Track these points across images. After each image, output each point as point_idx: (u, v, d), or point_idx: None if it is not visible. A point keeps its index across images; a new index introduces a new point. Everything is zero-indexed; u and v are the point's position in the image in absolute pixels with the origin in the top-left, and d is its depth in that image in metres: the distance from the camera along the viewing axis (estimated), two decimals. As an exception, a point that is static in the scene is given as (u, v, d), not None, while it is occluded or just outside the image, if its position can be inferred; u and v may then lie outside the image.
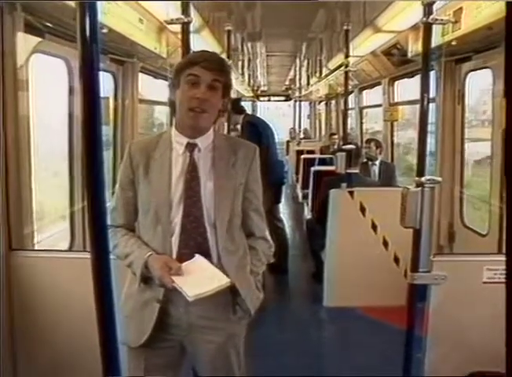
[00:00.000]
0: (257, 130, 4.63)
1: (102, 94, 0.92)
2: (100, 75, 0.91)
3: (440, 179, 2.19)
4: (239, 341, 1.84)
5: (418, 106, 2.21)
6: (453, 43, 3.26)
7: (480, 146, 4.54)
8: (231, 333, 1.80)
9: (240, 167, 1.75)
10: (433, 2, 2.02)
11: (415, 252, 2.20)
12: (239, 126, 4.94)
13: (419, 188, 2.11)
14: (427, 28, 2.07)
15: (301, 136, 12.50)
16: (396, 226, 2.23)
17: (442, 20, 2.05)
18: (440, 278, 2.19)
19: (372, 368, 2.98)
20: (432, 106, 4.00)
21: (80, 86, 0.89)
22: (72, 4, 1.92)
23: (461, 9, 2.93)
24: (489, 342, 2.18)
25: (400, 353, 2.30)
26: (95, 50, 0.88)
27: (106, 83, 3.80)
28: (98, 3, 0.90)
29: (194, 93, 1.64)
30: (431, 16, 2.02)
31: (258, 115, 10.41)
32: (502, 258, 2.39)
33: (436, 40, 3.33)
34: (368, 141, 5.29)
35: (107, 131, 3.93)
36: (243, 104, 5.07)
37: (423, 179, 2.12)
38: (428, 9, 2.02)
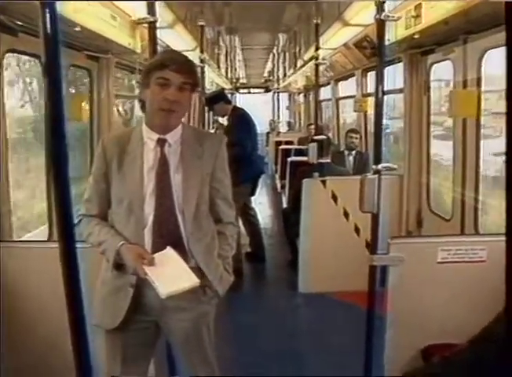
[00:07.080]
0: (248, 124, 4.75)
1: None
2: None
3: (395, 166, 2.32)
4: (210, 318, 1.98)
5: (399, 95, 2.30)
6: (416, 36, 3.39)
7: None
8: (202, 312, 1.92)
9: (207, 158, 1.87)
10: (385, 1, 2.14)
11: (373, 236, 2.33)
12: (223, 119, 5.01)
13: (376, 176, 2.24)
14: (380, 25, 2.19)
15: (286, 128, 12.69)
16: (367, 213, 2.34)
17: (394, 16, 2.17)
18: (397, 259, 2.32)
19: (344, 348, 3.13)
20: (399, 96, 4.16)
21: (44, 82, 0.98)
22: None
23: (420, 4, 3.06)
24: (443, 317, 2.35)
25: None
26: (57, 47, 0.96)
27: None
28: (60, 2, 0.98)
29: (164, 94, 1.73)
30: (383, 13, 2.14)
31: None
32: (455, 239, 2.56)
33: (400, 33, 3.48)
34: (350, 132, 5.37)
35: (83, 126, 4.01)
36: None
37: (379, 166, 2.25)
38: (380, 6, 2.15)
